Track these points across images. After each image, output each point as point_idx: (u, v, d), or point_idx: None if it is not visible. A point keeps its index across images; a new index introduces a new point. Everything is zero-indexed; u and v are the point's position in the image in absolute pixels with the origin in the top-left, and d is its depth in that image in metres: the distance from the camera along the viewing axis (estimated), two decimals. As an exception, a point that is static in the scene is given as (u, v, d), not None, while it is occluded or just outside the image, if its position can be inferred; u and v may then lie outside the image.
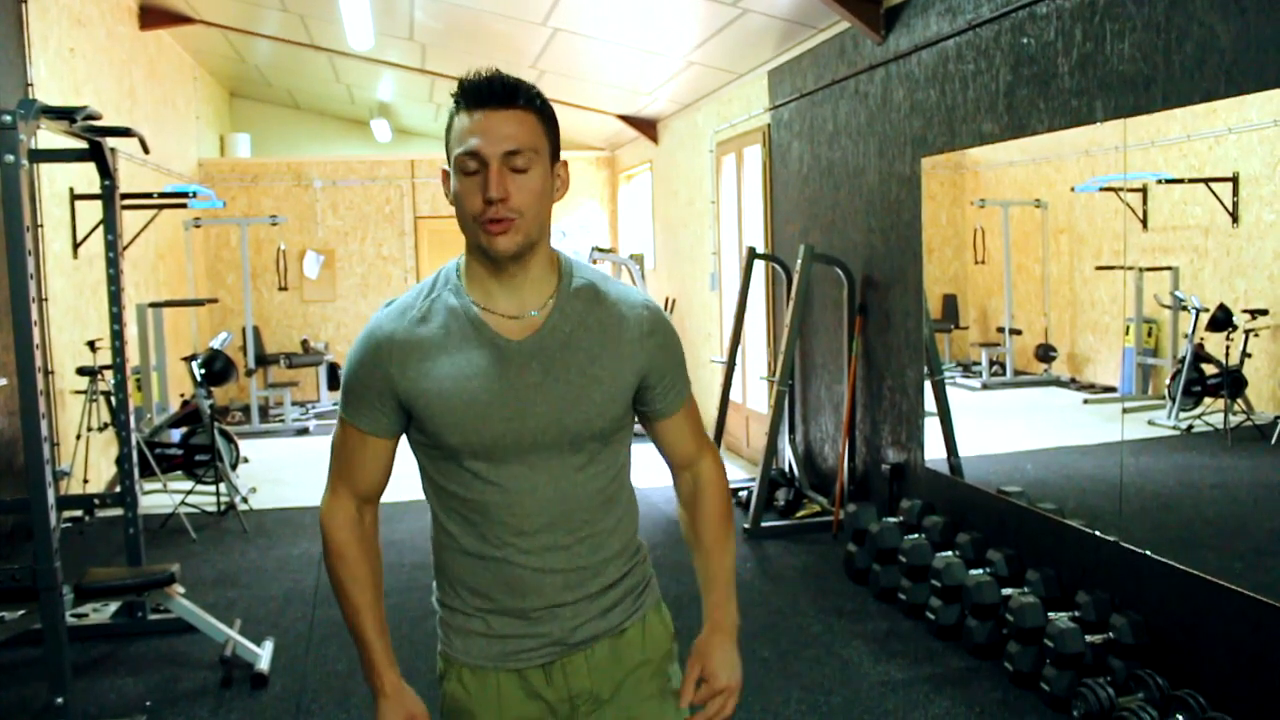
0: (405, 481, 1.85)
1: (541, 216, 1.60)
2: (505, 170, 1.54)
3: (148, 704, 3.94)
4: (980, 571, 4.38)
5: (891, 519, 5.12)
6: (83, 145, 4.50)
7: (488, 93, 1.54)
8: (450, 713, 1.75)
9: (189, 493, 6.68)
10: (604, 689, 1.75)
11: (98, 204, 4.75)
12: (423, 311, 1.64)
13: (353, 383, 1.67)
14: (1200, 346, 3.96)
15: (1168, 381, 4.19)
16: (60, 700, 3.52)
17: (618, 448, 1.74)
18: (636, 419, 1.80)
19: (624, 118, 10.20)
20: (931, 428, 5.30)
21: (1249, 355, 3.70)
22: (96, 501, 5.32)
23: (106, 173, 4.56)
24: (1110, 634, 3.74)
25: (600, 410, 1.66)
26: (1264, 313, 3.61)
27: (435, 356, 1.61)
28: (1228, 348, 3.76)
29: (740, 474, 7.65)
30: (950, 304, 5.64)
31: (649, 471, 1.90)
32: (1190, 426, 4.07)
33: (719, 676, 1.75)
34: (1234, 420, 3.87)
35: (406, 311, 1.65)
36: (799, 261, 6.18)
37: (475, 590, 1.69)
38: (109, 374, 5.62)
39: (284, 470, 8.30)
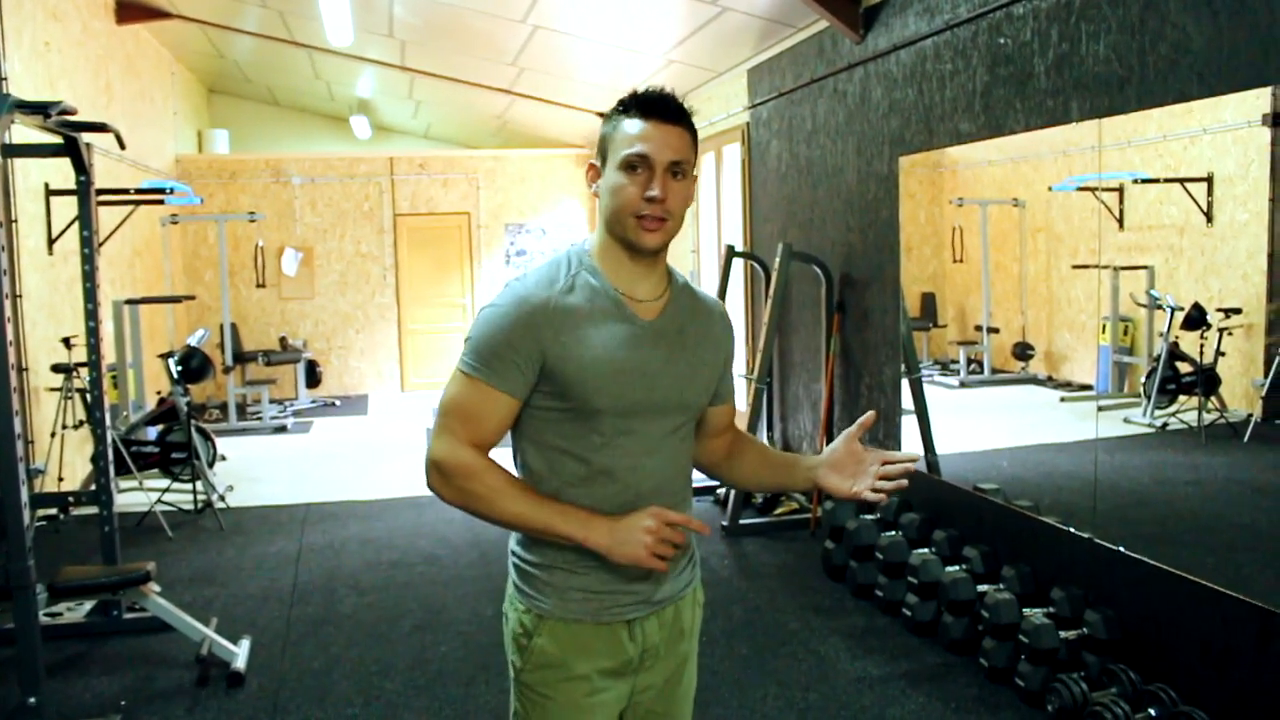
0: (383, 480, 1.85)
1: (682, 220, 1.83)
2: (667, 176, 1.76)
3: (122, 704, 3.92)
4: (956, 568, 4.40)
5: (868, 516, 5.14)
6: (57, 140, 4.47)
7: (663, 107, 1.79)
8: (541, 665, 1.86)
9: (165, 490, 6.63)
10: (664, 648, 1.93)
11: (73, 199, 4.71)
12: (569, 284, 1.81)
13: (498, 344, 1.76)
14: (1175, 345, 3.98)
15: (1143, 379, 4.22)
16: (33, 700, 3.50)
17: (696, 425, 1.99)
18: None
19: (602, 115, 10.18)
20: (909, 426, 5.32)
21: (1223, 354, 3.73)
22: (71, 500, 5.29)
23: (82, 168, 4.53)
24: (1084, 630, 3.76)
25: (705, 388, 1.92)
26: (1238, 311, 3.64)
27: (584, 326, 1.78)
28: (1202, 346, 3.79)
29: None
30: (929, 302, 5.67)
31: None
32: (1165, 424, 4.10)
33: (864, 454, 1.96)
34: (1208, 418, 3.90)
35: (553, 283, 1.80)
36: (777, 260, 6.20)
37: (582, 548, 1.79)
38: (84, 371, 5.58)
39: (262, 468, 8.26)
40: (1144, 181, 3.92)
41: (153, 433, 7.34)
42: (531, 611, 1.86)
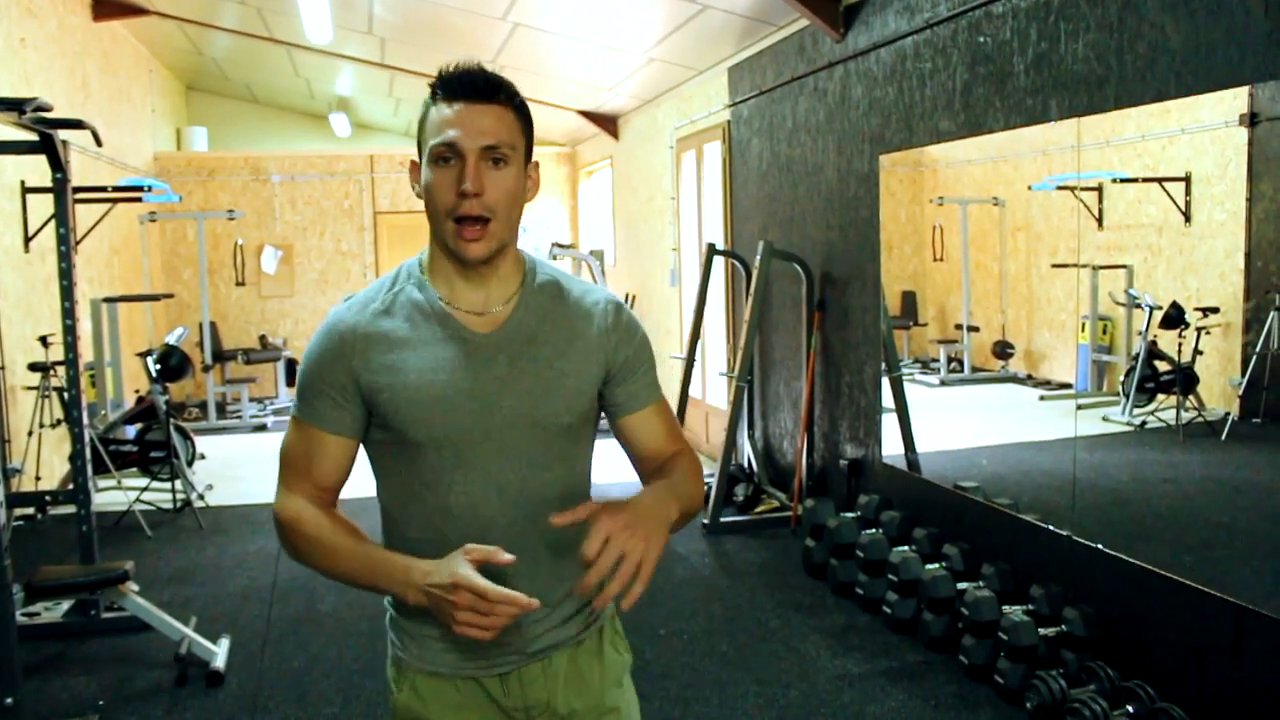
0: (364, 478, 1.78)
1: (513, 218, 1.59)
2: (483, 165, 1.52)
3: (100, 703, 3.89)
4: (936, 566, 4.42)
5: (849, 514, 5.16)
6: (33, 138, 4.43)
7: (469, 85, 1.52)
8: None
9: (144, 489, 6.59)
10: (561, 704, 1.70)
11: (50, 197, 4.68)
12: (385, 304, 1.61)
13: (312, 379, 1.60)
14: (1153, 344, 4.01)
15: (1122, 378, 4.24)
16: (10, 700, 3.46)
17: (584, 447, 1.71)
18: (605, 419, 1.75)
19: (585, 113, 10.19)
20: (889, 424, 5.34)
21: (1201, 352, 3.75)
22: (48, 499, 5.25)
23: (58, 165, 4.50)
24: (1063, 627, 3.78)
25: (568, 404, 1.64)
26: (1215, 310, 3.66)
27: (400, 349, 1.58)
28: (1180, 345, 3.81)
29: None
30: (909, 301, 5.68)
31: (607, 467, 1.83)
32: (1143, 423, 4.12)
33: (604, 520, 1.44)
34: (1186, 416, 3.92)
35: (368, 305, 1.61)
36: (758, 258, 6.20)
37: None
38: (61, 369, 5.54)
39: (241, 466, 8.22)
40: (1123, 181, 3.94)
41: (131, 431, 7.29)
42: (394, 662, 1.70)
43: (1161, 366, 4.01)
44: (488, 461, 1.59)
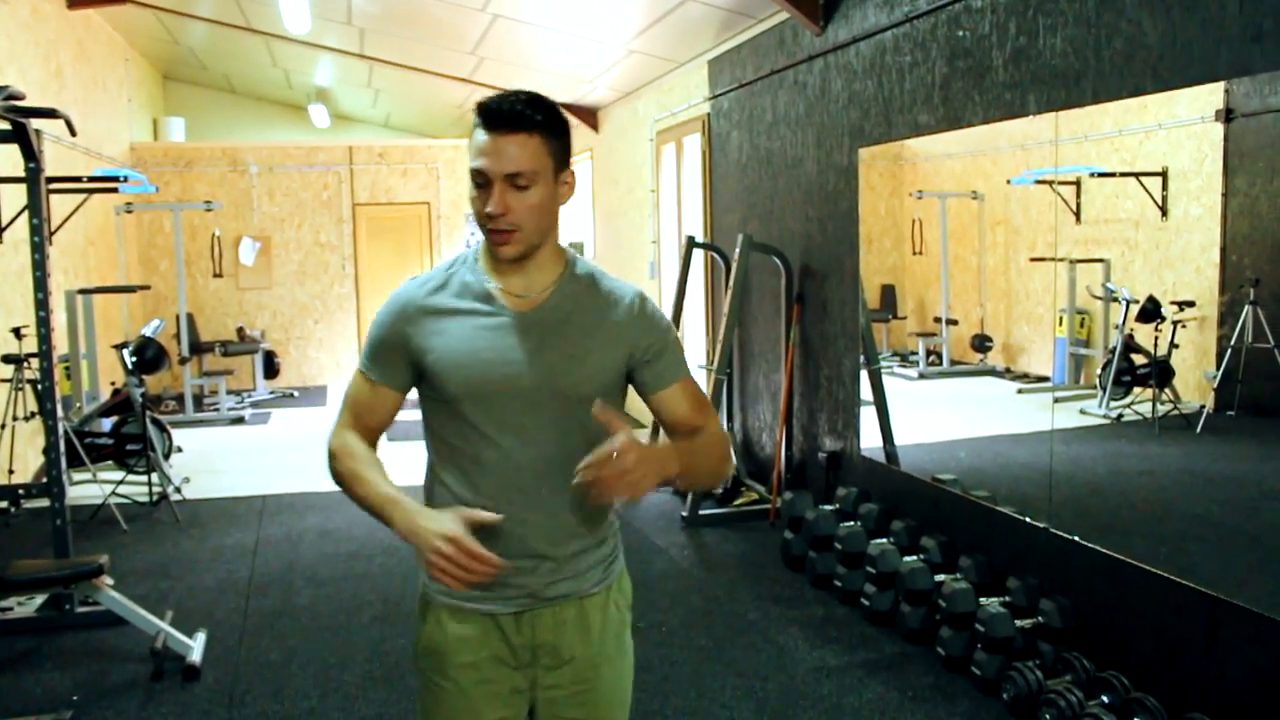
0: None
1: (542, 225, 1.81)
2: (507, 188, 1.74)
3: (75, 699, 3.86)
4: (914, 558, 4.44)
5: (828, 507, 5.17)
6: (5, 126, 4.38)
7: (499, 116, 1.73)
8: (426, 651, 1.93)
9: (120, 483, 6.54)
10: (565, 648, 1.90)
11: (23, 187, 4.63)
12: (441, 282, 1.88)
13: (375, 341, 1.89)
14: (1130, 337, 4.02)
15: (1099, 371, 4.25)
16: (-17, 695, 3.44)
17: None
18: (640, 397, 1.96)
19: (564, 105, 10.09)
20: (868, 416, 5.35)
21: (1177, 346, 3.77)
22: (22, 492, 5.21)
23: (31, 155, 4.45)
24: (1039, 618, 3.81)
25: (589, 377, 1.85)
26: (1191, 304, 3.67)
27: (447, 319, 1.84)
28: (1156, 339, 3.82)
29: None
30: (888, 294, 5.69)
31: None
32: (1120, 415, 4.14)
33: (615, 441, 1.67)
34: (1162, 409, 3.94)
35: (427, 282, 1.89)
36: (737, 250, 6.20)
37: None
38: (35, 362, 5.49)
39: (219, 460, 8.17)
40: (1100, 175, 3.95)
41: (107, 424, 7.24)
42: (422, 598, 1.96)
43: (1138, 360, 4.03)
44: (515, 420, 1.83)
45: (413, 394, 1.93)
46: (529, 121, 1.74)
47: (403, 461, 2.69)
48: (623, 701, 2.00)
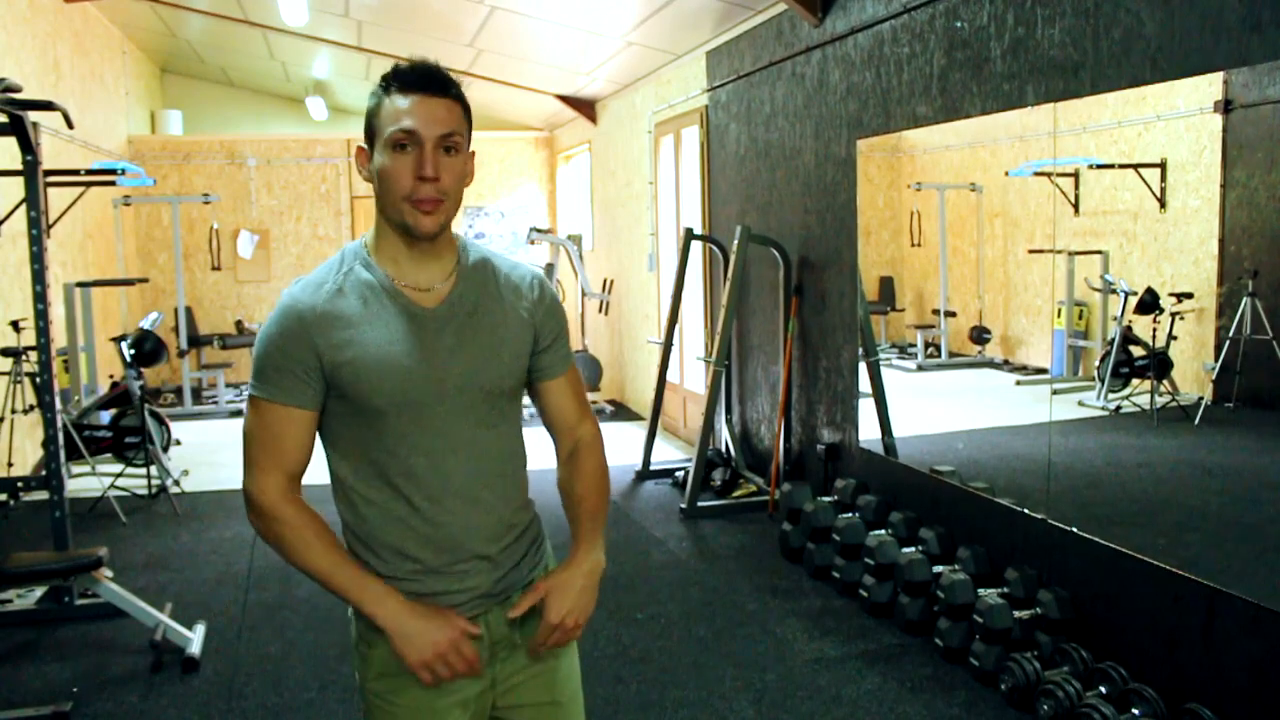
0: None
1: (459, 199, 1.75)
2: (438, 151, 1.66)
3: (74, 690, 3.86)
4: (912, 550, 4.45)
5: (826, 498, 5.18)
6: (2, 119, 4.37)
7: (426, 79, 1.67)
8: (384, 673, 1.79)
9: (119, 475, 6.55)
10: (517, 635, 1.86)
11: (21, 180, 4.62)
12: (338, 285, 1.73)
13: (274, 358, 1.70)
14: (1128, 329, 4.02)
15: (1097, 363, 4.26)
16: (-18, 687, 3.45)
17: (519, 407, 1.92)
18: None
19: (562, 98, 10.14)
20: (866, 408, 5.36)
21: (1175, 338, 3.77)
22: (21, 485, 5.19)
23: (28, 147, 4.44)
24: (1037, 609, 3.81)
25: (509, 369, 1.82)
26: (1189, 296, 3.67)
27: (356, 325, 1.70)
28: (1155, 330, 3.83)
29: (677, 454, 7.68)
30: (887, 286, 5.69)
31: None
32: (1118, 407, 4.14)
33: (550, 609, 1.79)
34: (1160, 401, 3.94)
35: (320, 285, 1.73)
36: (735, 242, 6.20)
37: (404, 553, 1.76)
38: (34, 355, 5.48)
39: (217, 452, 8.17)
40: (1099, 167, 3.94)
41: (105, 417, 7.23)
42: (361, 622, 1.80)
43: (1136, 352, 4.03)
44: (443, 424, 1.75)
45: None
46: (454, 87, 1.71)
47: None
48: (577, 675, 1.99)
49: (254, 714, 3.69)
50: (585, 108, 10.23)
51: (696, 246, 7.40)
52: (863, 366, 5.36)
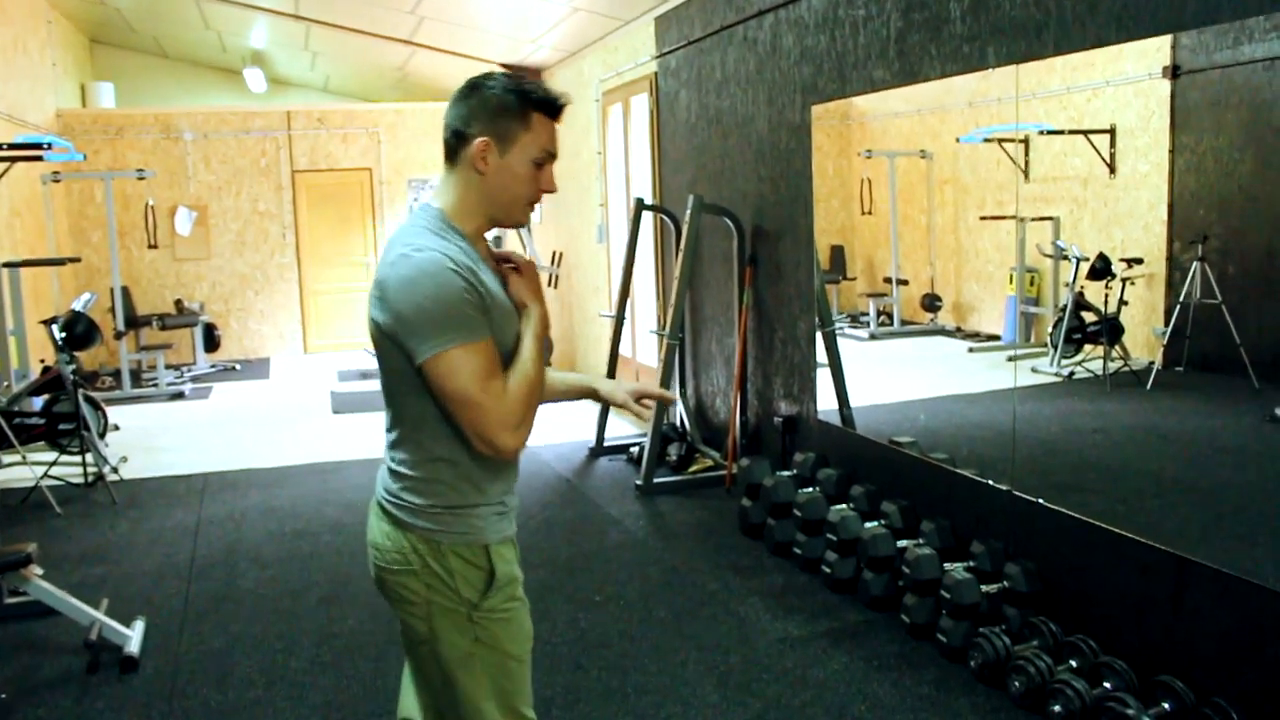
0: (287, 446, 1.71)
1: None
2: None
3: (3, 695, 3.68)
4: (875, 524, 4.37)
5: (785, 473, 5.09)
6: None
7: (560, 109, 2.04)
8: (504, 583, 2.04)
9: (52, 464, 6.31)
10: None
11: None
12: (459, 247, 1.95)
13: (460, 306, 1.87)
14: (1080, 295, 4.03)
15: (1049, 329, 4.26)
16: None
17: None
18: None
19: (507, 66, 9.94)
20: (823, 379, 5.28)
21: (1126, 303, 3.79)
22: (-53, 477, 4.98)
23: (-59, 123, 4.21)
24: (1005, 583, 3.76)
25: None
26: (1140, 261, 3.69)
27: (488, 280, 1.97)
28: (1106, 296, 3.84)
29: (631, 430, 7.58)
30: (838, 255, 5.63)
31: (541, 430, 2.10)
32: (1071, 373, 4.14)
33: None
34: (1112, 367, 3.96)
35: (447, 248, 1.92)
36: (688, 212, 6.09)
37: (497, 481, 2.05)
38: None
39: (158, 437, 7.94)
40: (1049, 133, 3.92)
41: (38, 403, 7.00)
42: (473, 545, 2.01)
43: (1088, 317, 4.04)
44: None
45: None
46: None
47: (354, 434, 2.58)
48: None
49: (196, 714, 3.54)
50: (531, 77, 10.03)
51: (648, 217, 7.27)
52: (819, 336, 5.29)
